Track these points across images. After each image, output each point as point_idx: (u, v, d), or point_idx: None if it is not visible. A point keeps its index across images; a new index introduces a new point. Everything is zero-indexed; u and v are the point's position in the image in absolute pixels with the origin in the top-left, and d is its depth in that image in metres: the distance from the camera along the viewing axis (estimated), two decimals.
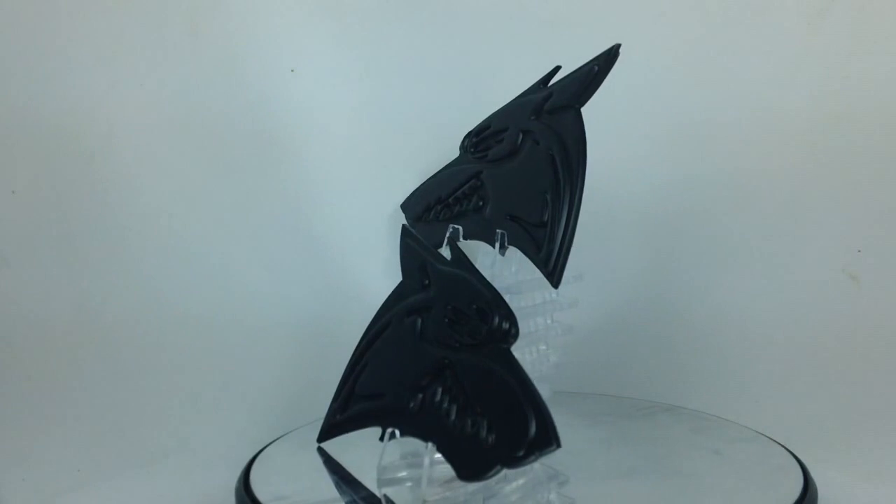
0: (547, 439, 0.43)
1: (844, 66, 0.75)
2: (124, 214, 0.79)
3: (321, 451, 0.58)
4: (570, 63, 0.55)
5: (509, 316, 0.47)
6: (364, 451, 0.55)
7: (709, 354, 0.77)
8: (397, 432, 0.51)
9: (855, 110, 0.75)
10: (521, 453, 0.43)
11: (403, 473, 0.54)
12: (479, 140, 0.59)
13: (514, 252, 0.54)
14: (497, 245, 0.54)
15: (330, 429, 0.56)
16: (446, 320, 0.49)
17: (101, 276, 0.79)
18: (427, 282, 0.51)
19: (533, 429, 0.43)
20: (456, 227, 0.57)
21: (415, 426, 0.50)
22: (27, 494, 0.66)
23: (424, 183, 0.62)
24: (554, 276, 0.50)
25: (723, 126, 0.77)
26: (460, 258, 0.51)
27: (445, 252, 0.53)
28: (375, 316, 0.55)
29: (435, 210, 0.60)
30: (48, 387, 0.78)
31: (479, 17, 0.79)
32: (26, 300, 0.79)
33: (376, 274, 0.75)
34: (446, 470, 0.48)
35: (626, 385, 0.75)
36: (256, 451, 0.61)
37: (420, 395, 0.49)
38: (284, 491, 0.56)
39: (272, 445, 0.63)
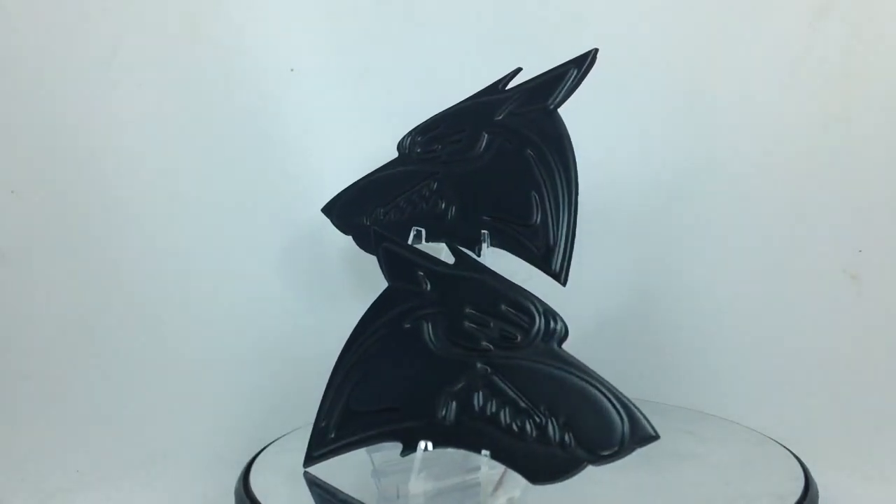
0: (646, 432, 0.42)
1: (845, 66, 0.75)
2: (124, 214, 0.79)
3: (307, 475, 0.54)
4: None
5: (553, 314, 0.46)
6: (344, 469, 0.54)
7: (708, 354, 0.77)
8: (429, 445, 0.48)
9: (855, 110, 0.75)
10: (613, 450, 0.43)
11: (430, 486, 0.51)
12: (428, 140, 0.58)
13: (487, 252, 0.53)
14: (485, 245, 0.54)
15: (324, 451, 0.52)
16: (467, 323, 0.48)
17: (101, 275, 0.79)
18: (427, 286, 0.50)
19: (624, 423, 0.43)
20: (419, 229, 0.56)
21: (454, 437, 0.47)
22: (27, 495, 0.66)
23: (355, 186, 0.60)
24: (561, 274, 0.51)
25: (723, 126, 0.77)
26: (466, 259, 0.49)
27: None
28: (359, 326, 0.52)
29: (377, 213, 0.58)
30: (47, 387, 0.77)
31: (480, 17, 0.79)
32: (26, 300, 0.79)
33: (378, 274, 0.74)
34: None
35: (623, 385, 0.75)
36: (256, 451, 0.61)
37: (453, 404, 0.47)
38: (285, 492, 0.55)
39: (272, 446, 0.63)
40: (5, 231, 0.79)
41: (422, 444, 0.48)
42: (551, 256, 0.52)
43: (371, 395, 0.51)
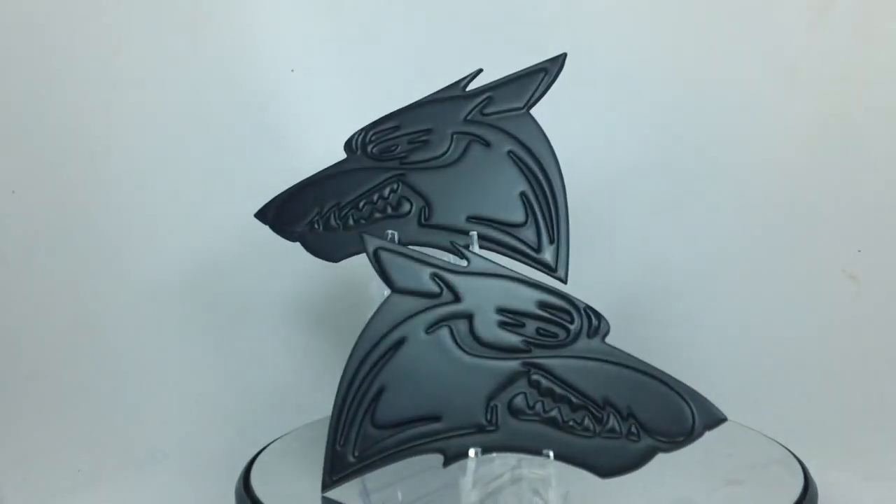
0: (715, 415, 0.44)
1: (844, 66, 0.75)
2: (124, 214, 0.79)
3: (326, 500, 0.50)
4: (575, 62, 0.55)
5: (594, 310, 0.46)
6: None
7: (708, 354, 0.77)
8: (478, 452, 0.47)
9: (855, 110, 0.75)
10: (684, 436, 0.44)
11: (479, 495, 0.49)
12: (383, 139, 0.56)
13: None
14: (475, 247, 0.53)
15: (346, 474, 0.48)
16: (498, 325, 0.47)
17: (101, 276, 0.79)
18: (442, 290, 0.48)
19: (692, 409, 0.44)
20: (392, 232, 0.54)
21: (508, 441, 0.46)
22: (27, 495, 0.66)
23: (296, 188, 0.56)
24: (562, 272, 0.52)
25: (723, 126, 0.77)
26: (481, 261, 0.48)
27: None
28: (364, 338, 0.48)
29: (330, 216, 0.55)
30: (48, 387, 0.77)
31: (480, 17, 0.79)
32: (25, 299, 0.79)
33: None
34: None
35: None
36: (256, 451, 0.61)
37: (498, 407, 0.46)
38: (284, 491, 0.55)
39: (272, 445, 0.63)
40: (5, 231, 0.79)
41: (471, 453, 0.47)
42: (549, 254, 0.53)
43: (395, 410, 0.48)
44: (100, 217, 0.79)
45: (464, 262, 0.48)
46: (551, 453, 0.46)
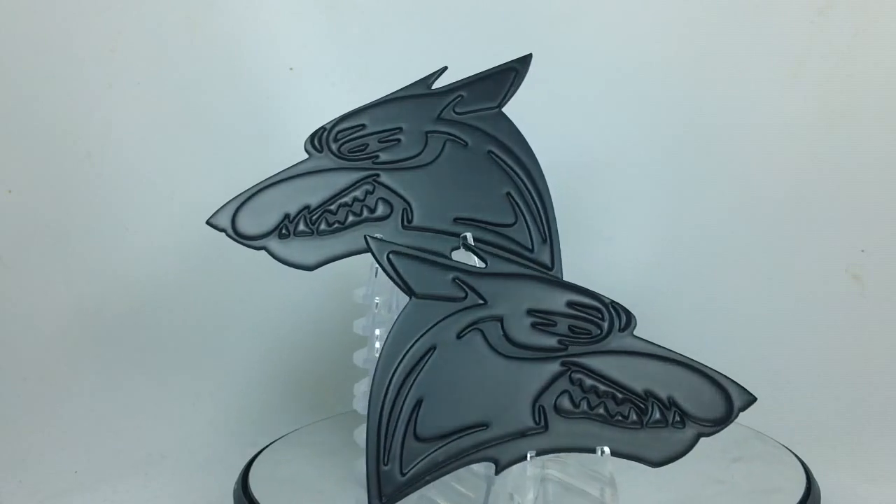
0: (747, 396, 0.46)
1: (847, 64, 0.74)
2: (121, 214, 0.79)
3: None
4: (577, 60, 0.54)
5: (620, 304, 0.47)
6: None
7: (710, 355, 0.76)
8: (532, 456, 0.46)
9: (858, 109, 0.74)
10: (721, 420, 0.46)
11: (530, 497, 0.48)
12: (352, 138, 0.54)
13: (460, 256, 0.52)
14: (466, 248, 0.52)
15: (398, 494, 0.45)
16: (531, 325, 0.46)
17: (98, 276, 0.79)
18: (465, 294, 0.46)
19: (727, 392, 0.46)
20: (380, 236, 0.50)
21: (558, 441, 0.46)
22: (24, 496, 0.66)
23: (255, 192, 0.53)
24: (560, 271, 0.52)
25: (725, 125, 0.77)
26: (501, 261, 0.47)
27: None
28: (390, 349, 0.45)
29: (304, 220, 0.52)
30: (45, 388, 0.77)
31: (480, 16, 0.79)
32: (22, 300, 0.78)
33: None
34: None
35: None
36: (255, 452, 0.61)
37: (544, 408, 0.46)
38: (283, 493, 0.55)
39: (271, 447, 0.63)
40: (2, 231, 0.78)
41: (531, 454, 0.46)
42: (545, 254, 0.53)
43: (439, 421, 0.46)
44: (96, 216, 0.78)
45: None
46: (607, 449, 0.46)
